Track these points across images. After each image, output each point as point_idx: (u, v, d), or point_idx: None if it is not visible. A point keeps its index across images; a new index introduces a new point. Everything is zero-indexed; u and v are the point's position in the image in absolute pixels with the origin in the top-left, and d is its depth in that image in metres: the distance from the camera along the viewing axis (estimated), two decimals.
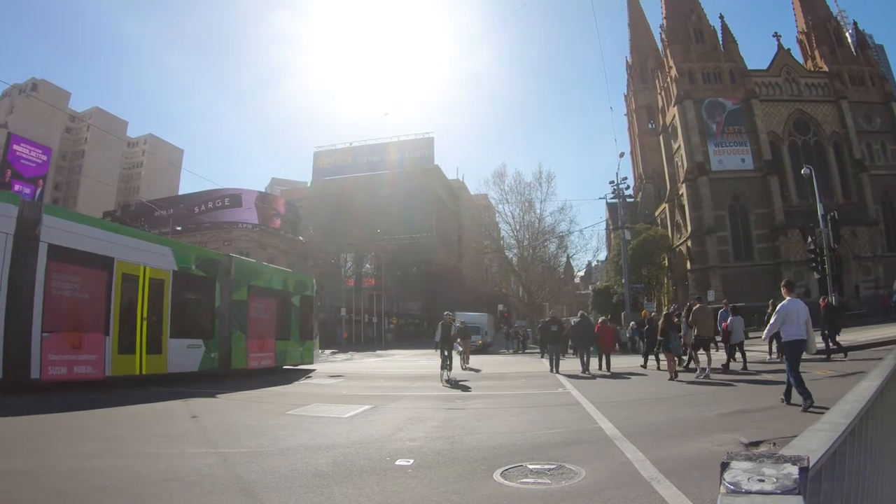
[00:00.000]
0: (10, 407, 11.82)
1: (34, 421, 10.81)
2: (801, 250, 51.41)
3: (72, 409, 12.01)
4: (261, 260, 72.89)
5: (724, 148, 66.51)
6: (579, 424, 9.87)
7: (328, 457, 7.50)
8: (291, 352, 26.08)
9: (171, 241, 24.84)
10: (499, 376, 21.97)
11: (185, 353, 19.07)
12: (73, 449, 8.26)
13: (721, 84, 69.10)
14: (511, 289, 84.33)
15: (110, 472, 6.74)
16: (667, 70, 75.02)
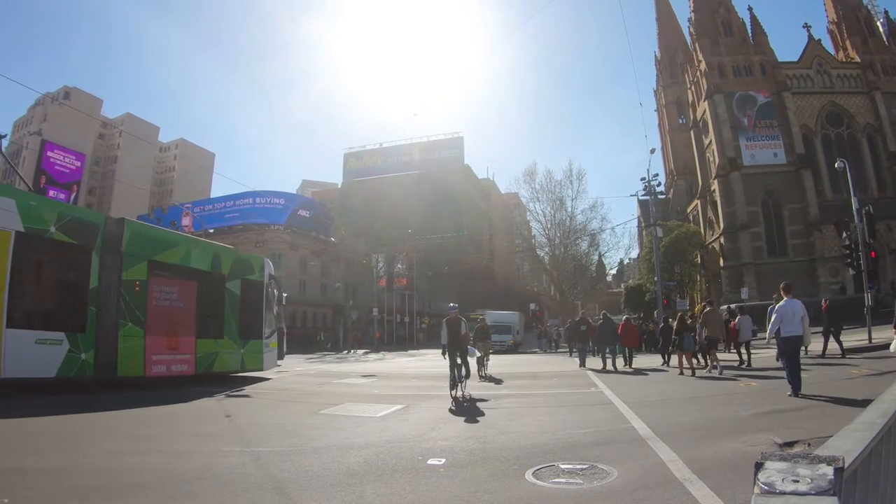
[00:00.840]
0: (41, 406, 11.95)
1: (67, 420, 11.02)
2: (835, 246, 50.63)
3: (106, 409, 12.26)
4: (293, 261, 73.75)
5: (756, 142, 65.53)
6: (612, 424, 9.79)
7: (361, 456, 7.51)
8: (225, 355, 19.94)
9: (14, 189, 17.50)
10: (531, 375, 21.94)
11: (32, 350, 13.87)
12: (108, 447, 8.40)
13: (751, 77, 68.10)
14: (543, 287, 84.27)
15: (145, 470, 6.83)
16: (696, 64, 74.14)
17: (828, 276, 58.91)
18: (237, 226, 79.28)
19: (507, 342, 48.57)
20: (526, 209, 74.03)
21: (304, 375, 24.79)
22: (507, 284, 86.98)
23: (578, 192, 62.35)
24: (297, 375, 24.78)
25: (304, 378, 23.15)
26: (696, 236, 67.84)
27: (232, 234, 76.89)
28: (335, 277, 77.28)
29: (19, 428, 10.05)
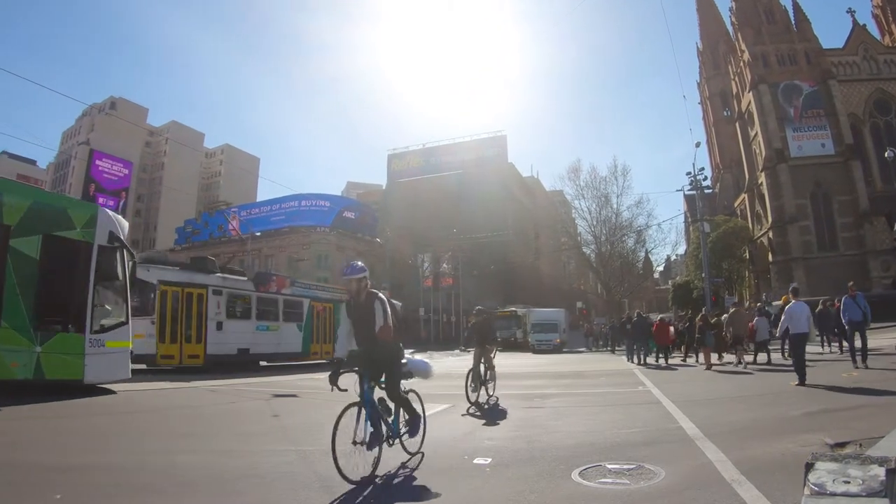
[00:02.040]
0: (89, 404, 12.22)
1: (122, 419, 11.39)
2: (887, 238, 49.84)
3: (160, 408, 12.77)
4: (339, 262, 74.08)
5: (803, 133, 64.45)
6: (659, 423, 9.68)
7: (405, 455, 7.42)
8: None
9: None
10: (577, 374, 21.75)
11: None
12: (156, 446, 8.56)
13: (796, 66, 67.01)
14: (589, 285, 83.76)
15: (194, 467, 6.97)
16: (739, 54, 73.17)
17: (880, 271, 57.87)
18: (284, 228, 79.91)
19: (552, 341, 47.53)
20: (571, 206, 73.37)
21: (352, 375, 24.79)
22: (553, 283, 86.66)
23: (624, 188, 61.55)
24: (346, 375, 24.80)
25: (352, 377, 23.17)
26: (744, 231, 66.67)
27: (279, 237, 77.70)
28: (381, 278, 77.52)
29: (76, 426, 10.38)
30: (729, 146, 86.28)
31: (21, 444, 8.33)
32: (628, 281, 65.33)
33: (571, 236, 73.09)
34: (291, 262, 73.60)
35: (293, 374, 23.70)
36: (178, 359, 23.85)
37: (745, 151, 73.55)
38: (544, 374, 22.80)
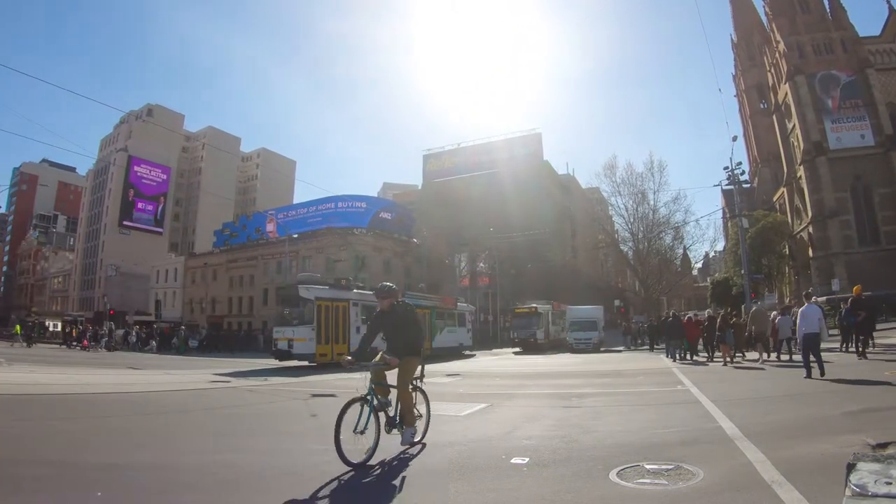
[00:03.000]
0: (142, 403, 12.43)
1: (165, 418, 11.66)
2: None
3: (200, 409, 13.11)
4: (377, 263, 74.52)
5: (842, 124, 63.25)
6: (698, 423, 9.59)
7: (444, 454, 7.57)
8: None
9: None
10: (615, 373, 21.63)
11: None
12: (199, 445, 8.81)
13: (833, 55, 65.83)
14: (627, 283, 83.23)
15: (234, 466, 7.11)
16: (774, 45, 72.07)
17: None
18: (321, 230, 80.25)
19: (591, 340, 44.75)
20: (608, 203, 72.77)
21: (392, 374, 24.88)
22: (590, 281, 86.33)
23: (660, 184, 60.69)
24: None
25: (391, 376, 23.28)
26: (783, 226, 65.72)
27: (316, 239, 78.04)
28: (418, 278, 77.61)
29: (119, 425, 10.65)
30: (766, 139, 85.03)
31: (68, 443, 8.57)
32: (666, 278, 64.67)
33: (608, 234, 72.68)
34: (329, 263, 73.88)
35: None
36: (329, 356, 29.61)
37: (783, 144, 72.34)
38: (582, 373, 22.73)
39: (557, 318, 52.87)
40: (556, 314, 53.29)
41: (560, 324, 52.38)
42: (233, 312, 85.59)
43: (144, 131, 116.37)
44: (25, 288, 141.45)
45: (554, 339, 50.38)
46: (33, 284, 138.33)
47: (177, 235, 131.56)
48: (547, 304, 52.41)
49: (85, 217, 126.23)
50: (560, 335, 50.93)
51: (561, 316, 52.79)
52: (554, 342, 49.67)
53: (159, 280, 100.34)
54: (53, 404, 13.23)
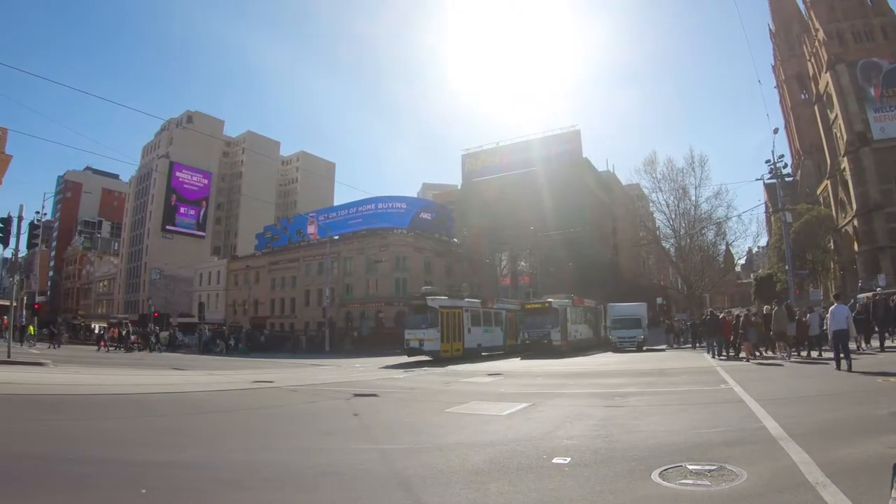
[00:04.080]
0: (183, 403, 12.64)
1: (212, 417, 11.94)
2: None
3: (243, 408, 13.37)
4: (417, 263, 74.75)
5: (885, 113, 61.77)
6: (742, 423, 9.45)
7: (485, 454, 7.55)
8: None
9: None
10: (658, 372, 21.45)
11: None
12: (243, 444, 8.93)
13: (873, 42, 64.48)
14: (669, 280, 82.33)
15: (278, 464, 7.19)
16: (813, 33, 70.70)
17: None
18: (361, 231, 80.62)
19: (636, 338, 43.43)
20: (648, 200, 72.03)
21: (431, 374, 25.12)
22: (632, 279, 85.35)
23: (702, 179, 59.60)
24: (424, 374, 25.21)
25: (430, 377, 23.51)
26: (827, 220, 64.64)
27: (356, 240, 78.36)
28: (459, 277, 77.68)
29: (163, 424, 10.88)
30: (808, 131, 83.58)
31: (113, 442, 8.77)
32: (709, 275, 63.73)
33: (650, 230, 71.88)
34: (370, 264, 74.29)
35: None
36: (450, 352, 36.83)
37: (826, 135, 70.87)
38: (624, 371, 22.65)
39: (580, 316, 47.23)
40: (579, 311, 47.13)
41: (585, 322, 48.27)
42: (275, 314, 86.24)
43: (185, 138, 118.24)
44: (71, 292, 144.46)
45: (576, 342, 44.05)
46: (79, 288, 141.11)
47: (219, 239, 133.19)
48: (565, 299, 44.34)
49: (129, 222, 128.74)
50: (583, 336, 46.32)
51: (587, 313, 49.18)
52: (577, 345, 43.65)
53: (202, 283, 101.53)
54: (99, 404, 13.56)
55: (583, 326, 47.41)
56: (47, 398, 14.00)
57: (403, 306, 46.59)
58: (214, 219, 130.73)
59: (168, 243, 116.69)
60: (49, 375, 20.79)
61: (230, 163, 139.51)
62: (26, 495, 5.63)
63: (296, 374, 26.28)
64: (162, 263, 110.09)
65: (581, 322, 47.10)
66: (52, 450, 7.91)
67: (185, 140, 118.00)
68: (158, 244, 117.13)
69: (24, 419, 10.72)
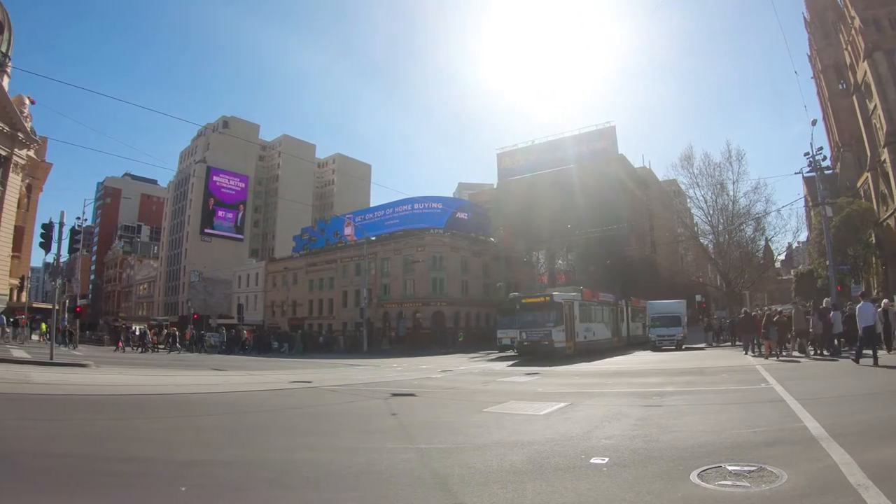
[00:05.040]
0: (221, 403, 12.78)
1: (251, 417, 12.19)
2: None
3: (282, 408, 13.60)
4: (454, 263, 74.85)
5: None
6: (782, 423, 9.31)
7: (523, 454, 7.56)
8: None
9: None
10: (698, 371, 21.28)
11: None
12: (284, 443, 9.03)
13: None
14: (708, 277, 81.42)
15: (317, 463, 7.31)
16: (848, 21, 69.15)
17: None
18: (398, 232, 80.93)
19: (676, 336, 41.76)
20: (686, 196, 71.21)
21: (469, 374, 25.22)
22: (670, 276, 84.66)
23: (739, 173, 58.45)
24: (462, 374, 25.28)
25: (468, 377, 23.56)
26: (868, 213, 63.42)
27: (393, 241, 78.73)
28: (496, 277, 77.68)
29: (202, 424, 11.12)
30: (847, 121, 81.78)
31: (155, 441, 8.98)
32: (748, 272, 62.89)
33: (688, 227, 71.13)
34: (407, 265, 74.62)
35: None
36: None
37: (865, 126, 69.22)
38: (663, 370, 22.52)
39: (594, 314, 41.85)
40: (592, 308, 41.66)
41: (601, 321, 43.03)
42: (313, 314, 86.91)
43: (221, 143, 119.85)
44: (112, 295, 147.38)
45: (588, 344, 38.34)
46: (120, 291, 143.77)
47: (257, 241, 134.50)
48: (573, 292, 39.92)
49: (168, 226, 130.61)
50: (598, 337, 40.88)
51: (603, 310, 44.04)
52: (589, 347, 37.99)
53: (241, 285, 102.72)
54: (140, 404, 13.92)
55: (598, 325, 41.67)
56: (89, 399, 14.28)
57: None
58: (252, 221, 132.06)
59: (207, 246, 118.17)
60: (91, 377, 21.22)
61: (267, 166, 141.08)
62: (67, 493, 5.77)
63: (334, 374, 26.45)
64: (201, 266, 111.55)
65: (595, 320, 41.42)
66: (94, 449, 8.12)
67: (222, 145, 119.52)
68: (197, 247, 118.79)
69: (67, 419, 10.99)
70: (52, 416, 11.30)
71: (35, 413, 11.56)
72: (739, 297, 65.05)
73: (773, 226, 59.72)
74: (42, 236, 28.86)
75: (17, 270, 65.07)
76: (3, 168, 57.89)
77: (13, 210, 59.71)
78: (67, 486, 5.99)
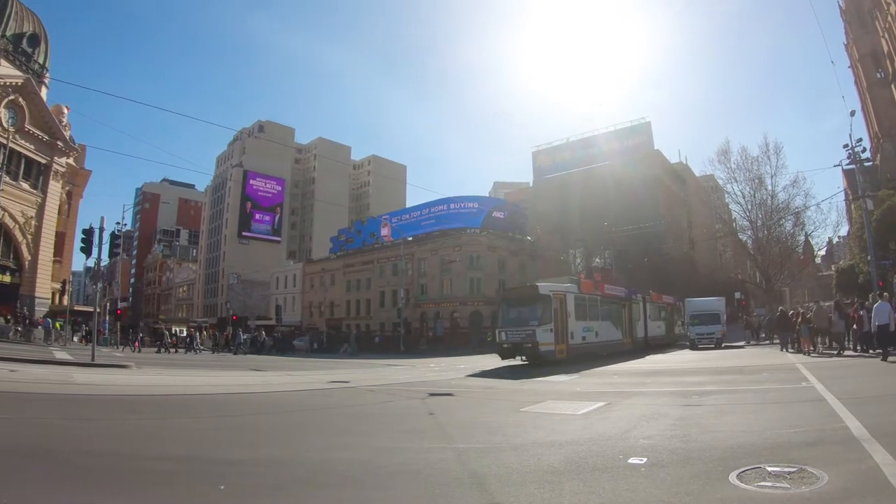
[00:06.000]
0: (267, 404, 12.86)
1: (291, 416, 12.37)
2: None
3: (319, 408, 13.77)
4: (491, 262, 74.84)
5: None
6: (823, 423, 9.17)
7: (560, 453, 7.56)
8: None
9: None
10: (737, 370, 21.03)
11: None
12: (321, 442, 9.14)
13: None
14: (747, 274, 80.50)
15: (354, 462, 7.35)
16: (885, 7, 68.18)
17: None
18: (434, 232, 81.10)
19: (715, 334, 40.07)
20: (723, 191, 70.36)
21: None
22: (709, 273, 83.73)
23: (777, 167, 57.70)
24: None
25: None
26: None
27: (430, 241, 78.93)
28: (533, 275, 77.36)
29: (241, 423, 11.30)
30: (887, 111, 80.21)
31: (195, 440, 9.16)
32: (788, 268, 62.03)
33: (726, 223, 70.37)
34: (443, 265, 74.78)
35: None
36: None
37: None
38: (702, 369, 22.33)
39: (596, 310, 34.04)
40: (593, 303, 33.93)
41: (608, 319, 35.31)
42: (350, 315, 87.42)
43: (257, 147, 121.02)
44: (152, 297, 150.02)
45: (588, 346, 31.30)
46: (160, 294, 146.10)
47: (294, 243, 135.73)
48: (566, 283, 32.60)
49: (206, 230, 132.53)
50: (601, 339, 33.38)
51: (609, 306, 36.08)
52: (589, 351, 31.11)
53: (279, 286, 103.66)
54: (180, 404, 14.10)
55: (602, 324, 34.09)
56: (130, 399, 14.56)
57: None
58: (289, 224, 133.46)
59: (245, 249, 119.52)
60: (132, 377, 21.60)
61: (302, 169, 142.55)
62: (110, 490, 5.86)
63: (371, 374, 26.63)
64: (239, 268, 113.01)
65: (598, 318, 33.89)
66: (135, 447, 8.25)
67: (258, 149, 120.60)
68: (235, 250, 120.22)
69: (109, 418, 11.21)
70: (94, 415, 11.51)
71: (78, 413, 11.76)
72: (779, 294, 64.04)
73: (813, 220, 58.75)
74: (83, 241, 29.44)
75: (59, 275, 66.69)
76: (43, 176, 59.57)
77: (54, 216, 61.25)
78: (110, 484, 6.10)
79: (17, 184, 55.61)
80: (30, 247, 58.09)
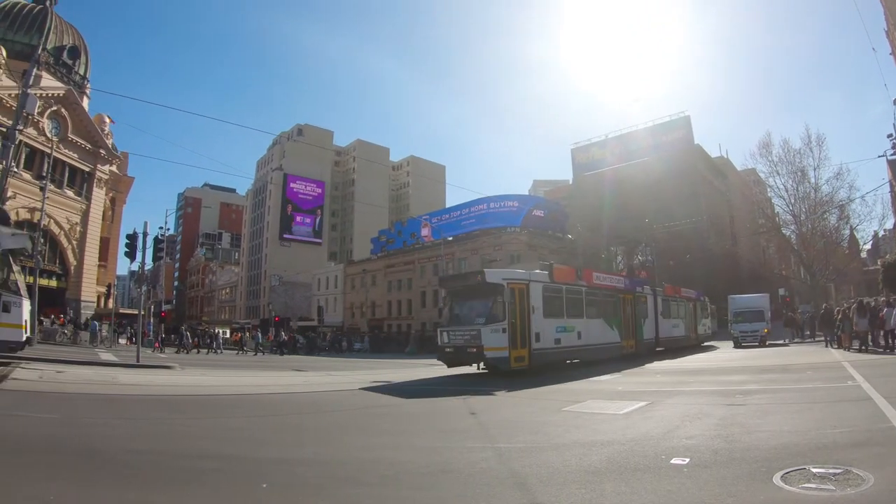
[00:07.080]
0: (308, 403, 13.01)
1: (331, 416, 12.54)
2: None
3: (361, 407, 13.88)
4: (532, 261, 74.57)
5: None
6: (869, 423, 8.99)
7: (602, 453, 7.55)
8: None
9: None
10: (781, 368, 20.74)
11: None
12: (363, 442, 9.19)
13: None
14: (791, 270, 79.37)
15: (394, 462, 7.39)
16: None
17: None
18: (474, 231, 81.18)
19: (759, 332, 38.97)
20: (766, 185, 69.17)
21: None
22: (752, 269, 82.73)
23: (820, 159, 56.53)
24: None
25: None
26: None
27: (470, 240, 79.08)
28: None
29: (283, 423, 11.46)
30: None
31: (240, 440, 9.32)
32: (833, 263, 60.90)
33: (769, 217, 69.18)
34: (484, 263, 74.64)
35: None
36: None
37: None
38: (746, 368, 21.99)
39: (578, 306, 26.39)
40: (571, 296, 25.87)
41: (600, 316, 28.39)
42: (392, 315, 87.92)
43: (297, 150, 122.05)
44: (195, 300, 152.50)
45: (557, 353, 24.37)
46: (203, 296, 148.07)
47: (335, 244, 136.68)
48: (537, 269, 25.23)
49: (247, 233, 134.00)
50: (588, 342, 26.28)
51: (600, 299, 28.85)
52: (560, 358, 24.87)
53: (320, 287, 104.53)
54: (221, 404, 14.36)
55: (588, 323, 26.82)
56: (172, 399, 14.82)
57: None
58: (330, 225, 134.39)
59: (286, 251, 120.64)
60: (175, 378, 22.02)
61: (342, 171, 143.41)
62: (153, 488, 6.00)
63: (413, 373, 26.70)
64: (281, 270, 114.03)
65: (579, 314, 26.23)
66: (177, 446, 8.48)
67: (297, 152, 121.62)
68: (277, 252, 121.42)
69: (148, 418, 11.44)
70: (137, 415, 11.78)
71: (122, 412, 12.02)
72: (825, 290, 62.88)
73: (858, 213, 57.48)
74: (127, 246, 30.18)
75: (104, 279, 68.20)
76: (87, 183, 61.27)
77: (98, 222, 62.83)
78: (153, 482, 6.25)
79: (61, 191, 57.10)
80: (75, 252, 59.50)
